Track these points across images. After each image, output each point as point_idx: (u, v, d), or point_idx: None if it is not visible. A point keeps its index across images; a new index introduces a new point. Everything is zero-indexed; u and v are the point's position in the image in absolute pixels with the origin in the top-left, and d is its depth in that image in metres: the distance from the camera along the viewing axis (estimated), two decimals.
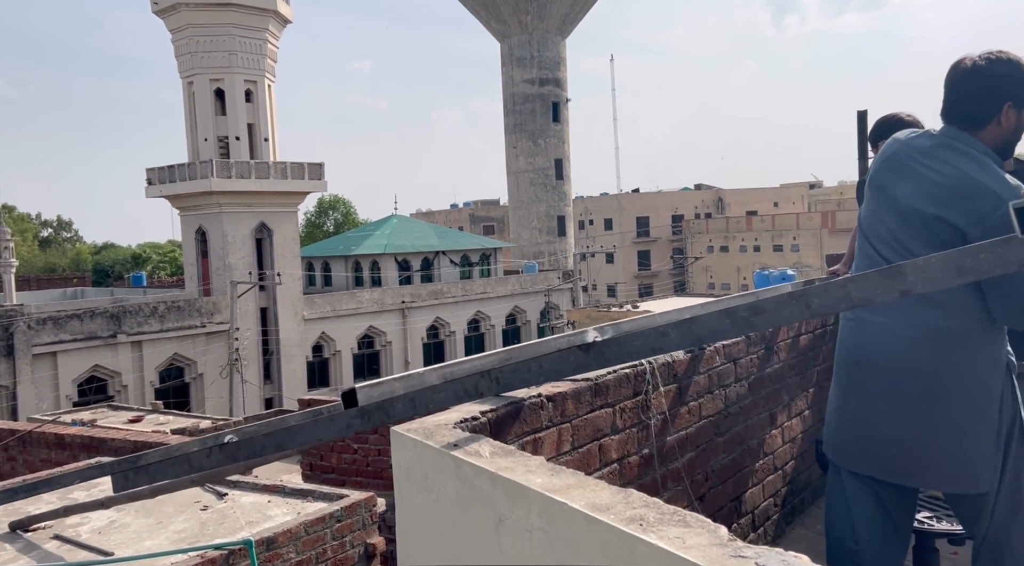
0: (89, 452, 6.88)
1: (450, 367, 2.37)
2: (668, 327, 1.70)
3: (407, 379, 2.38)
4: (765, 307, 1.56)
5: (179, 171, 29.66)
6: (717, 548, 1.06)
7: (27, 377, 23.85)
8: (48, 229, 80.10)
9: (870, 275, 1.49)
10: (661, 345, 1.73)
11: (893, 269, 1.46)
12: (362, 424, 2.15)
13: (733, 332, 1.65)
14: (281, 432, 2.19)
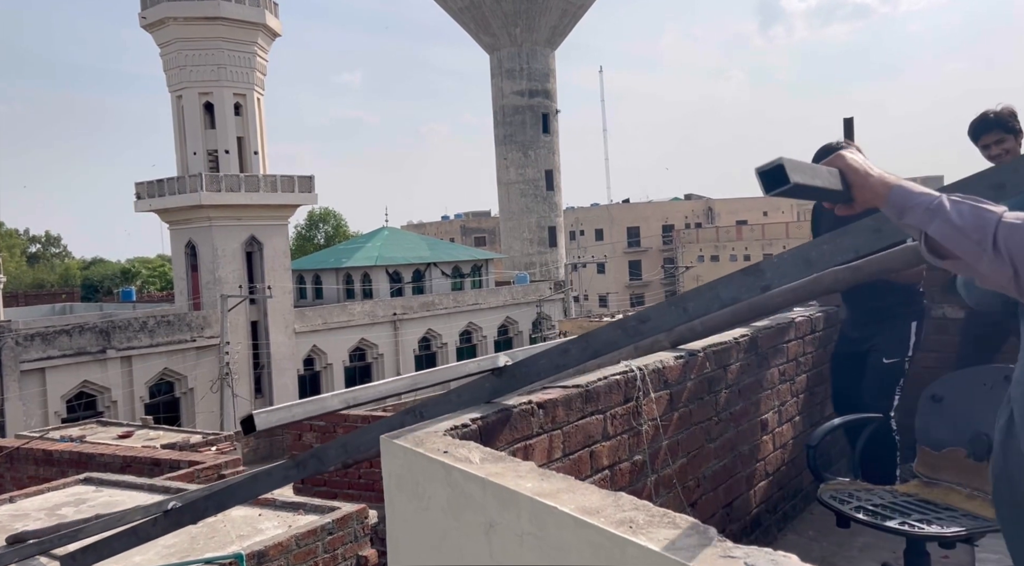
0: (78, 468, 6.81)
1: (354, 392, 2.54)
2: (568, 344, 1.82)
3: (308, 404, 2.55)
4: (649, 315, 1.71)
5: (168, 185, 29.58)
6: (707, 549, 1.06)
7: (15, 394, 23.64)
8: (36, 245, 79.61)
9: (733, 276, 1.60)
10: (564, 361, 1.85)
11: (752, 268, 1.58)
12: (297, 474, 2.31)
13: (625, 341, 1.78)
14: (221, 493, 2.30)
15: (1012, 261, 1.15)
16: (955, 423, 2.79)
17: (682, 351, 2.81)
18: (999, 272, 1.17)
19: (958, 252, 1.19)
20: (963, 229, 1.17)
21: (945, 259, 1.23)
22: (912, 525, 2.51)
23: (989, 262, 1.16)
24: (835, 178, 1.34)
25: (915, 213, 1.22)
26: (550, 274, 47.09)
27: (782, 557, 1.02)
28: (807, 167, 1.30)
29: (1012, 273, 1.16)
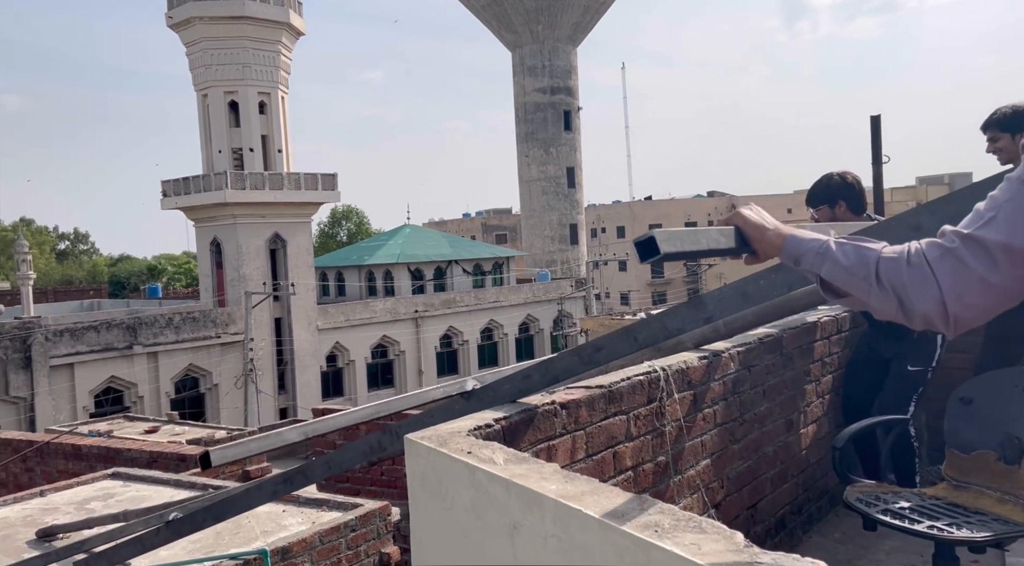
0: (106, 463, 6.92)
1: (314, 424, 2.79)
2: (531, 369, 1.94)
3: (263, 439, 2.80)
4: (603, 344, 1.83)
5: (194, 183, 29.93)
6: (733, 554, 1.05)
7: (44, 388, 24.06)
8: (65, 242, 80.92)
9: (679, 307, 1.75)
10: (527, 386, 1.97)
11: (695, 300, 1.72)
12: (286, 489, 2.50)
13: (581, 368, 1.89)
14: (218, 505, 2.52)
15: (895, 292, 1.22)
16: (985, 425, 2.75)
17: (706, 351, 2.79)
18: (886, 303, 1.24)
19: (849, 290, 1.28)
20: (849, 268, 1.26)
21: (841, 297, 1.32)
22: (941, 529, 2.47)
23: (876, 295, 1.24)
24: (730, 236, 1.46)
25: (808, 258, 1.33)
26: (571, 272, 47.03)
27: (809, 563, 1.01)
28: (685, 235, 1.44)
29: (897, 303, 1.23)
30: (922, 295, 1.20)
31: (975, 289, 1.18)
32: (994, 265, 1.16)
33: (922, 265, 1.22)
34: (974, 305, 1.19)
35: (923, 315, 1.22)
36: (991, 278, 1.17)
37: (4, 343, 23.51)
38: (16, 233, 52.45)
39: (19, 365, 23.77)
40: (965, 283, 1.18)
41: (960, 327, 1.22)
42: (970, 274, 1.18)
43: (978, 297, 1.18)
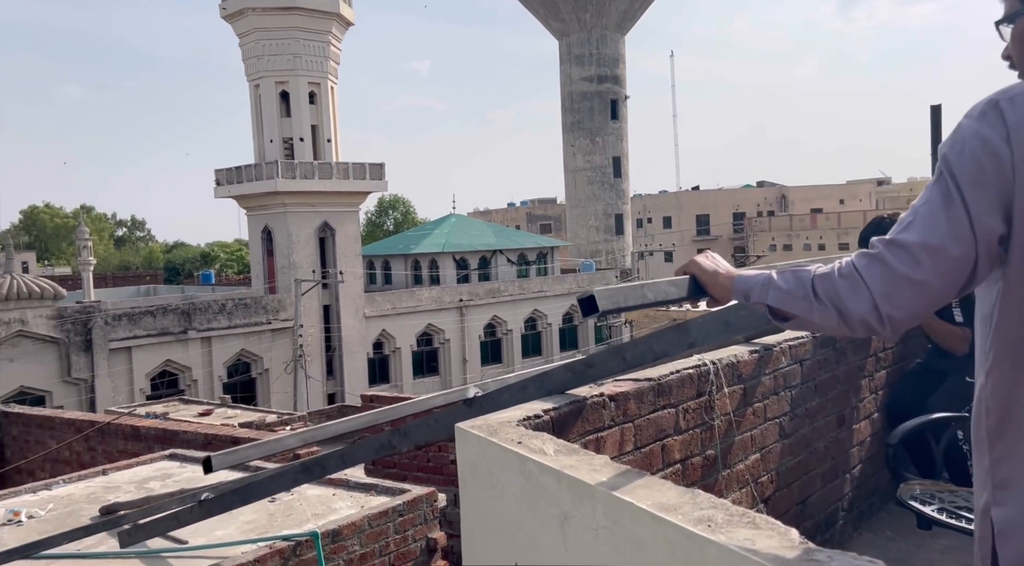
0: (163, 444, 7.14)
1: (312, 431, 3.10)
2: (527, 382, 2.05)
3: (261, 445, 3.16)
4: (594, 361, 1.95)
5: (246, 172, 30.51)
6: (788, 551, 1.05)
7: (104, 371, 24.89)
8: (123, 228, 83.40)
9: (665, 332, 1.87)
10: (523, 397, 2.09)
11: (681, 326, 1.85)
12: (306, 478, 2.71)
13: (574, 383, 2.01)
14: (244, 489, 2.81)
15: (832, 304, 1.31)
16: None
17: (757, 345, 2.77)
18: (826, 317, 1.33)
19: (793, 311, 1.37)
20: (790, 291, 1.37)
21: (788, 321, 1.42)
22: None
23: (816, 311, 1.33)
24: (682, 286, 1.61)
25: (755, 291, 1.43)
26: (616, 262, 46.74)
27: (867, 562, 1.01)
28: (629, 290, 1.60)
29: (836, 314, 1.31)
30: (856, 301, 1.28)
31: (902, 288, 1.25)
32: (917, 264, 1.24)
33: (852, 274, 1.30)
34: (904, 304, 1.26)
35: (860, 320, 1.29)
36: (915, 276, 1.24)
37: (66, 326, 24.38)
38: (77, 220, 54.23)
39: (80, 348, 24.62)
40: (893, 284, 1.26)
41: (896, 326, 1.28)
42: (896, 275, 1.25)
43: (906, 296, 1.26)
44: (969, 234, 1.23)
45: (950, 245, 1.23)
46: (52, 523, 4.62)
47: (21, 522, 4.65)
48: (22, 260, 46.55)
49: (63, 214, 73.15)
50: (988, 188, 1.22)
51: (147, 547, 3.81)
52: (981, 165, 1.22)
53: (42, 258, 66.72)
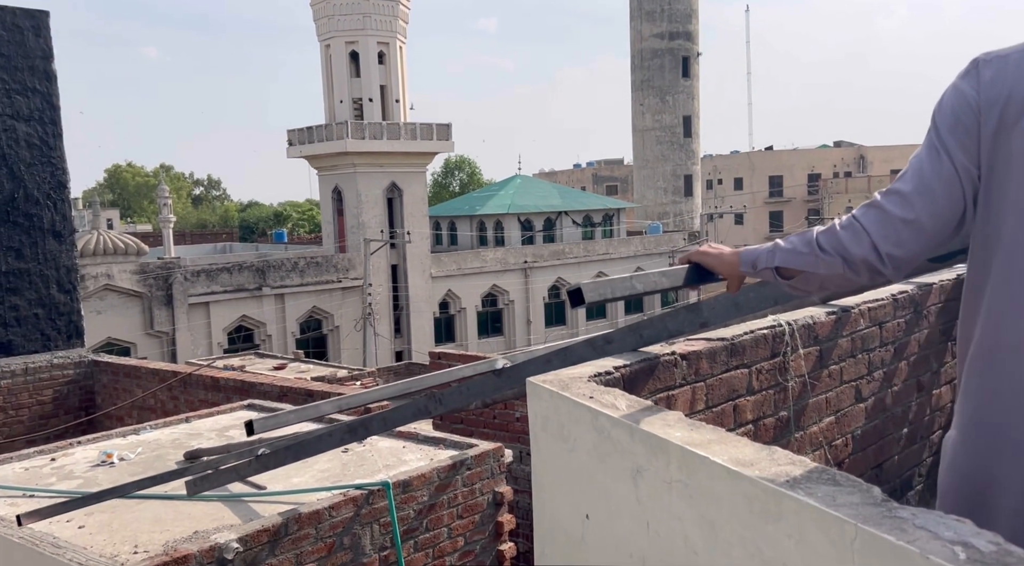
0: (241, 394, 7.44)
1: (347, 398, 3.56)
2: (551, 355, 2.15)
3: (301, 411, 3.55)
4: (613, 338, 2.01)
5: (316, 132, 31.02)
6: (871, 507, 1.03)
7: (184, 325, 26.00)
8: (200, 187, 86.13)
9: (679, 311, 1.95)
10: (546, 368, 2.18)
11: (694, 306, 1.96)
12: (352, 438, 3.00)
13: (594, 355, 2.06)
14: (296, 446, 3.07)
15: (837, 252, 1.43)
16: None
17: (834, 307, 2.70)
18: (832, 266, 1.44)
19: (799, 266, 1.49)
20: (795, 249, 1.49)
21: (792, 279, 1.54)
22: None
23: (823, 262, 1.45)
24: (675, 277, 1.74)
25: (762, 259, 1.56)
26: (684, 224, 45.95)
27: (955, 520, 0.98)
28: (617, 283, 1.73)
29: (841, 261, 1.43)
30: (857, 245, 1.41)
31: (898, 228, 1.38)
32: (909, 206, 1.37)
33: (852, 223, 1.43)
34: (901, 242, 1.38)
35: (863, 260, 1.41)
36: (908, 216, 1.36)
37: (149, 281, 25.49)
38: (157, 179, 56.18)
39: (162, 302, 25.74)
40: (889, 225, 1.38)
41: (897, 264, 1.40)
42: (890, 217, 1.38)
43: (902, 235, 1.38)
44: (954, 177, 1.35)
45: (937, 187, 1.35)
46: (141, 465, 4.89)
47: (113, 463, 4.94)
48: (107, 217, 48.67)
49: (144, 173, 76.00)
50: (964, 136, 1.34)
51: (229, 491, 4.01)
52: (957, 116, 1.35)
53: (125, 215, 69.63)
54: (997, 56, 1.34)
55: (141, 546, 3.48)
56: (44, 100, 8.89)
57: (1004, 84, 1.30)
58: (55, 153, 8.98)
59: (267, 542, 3.56)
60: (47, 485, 4.54)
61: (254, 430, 3.43)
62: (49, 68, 8.95)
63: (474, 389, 2.44)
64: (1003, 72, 1.31)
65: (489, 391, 2.41)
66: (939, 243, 1.41)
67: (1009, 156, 1.29)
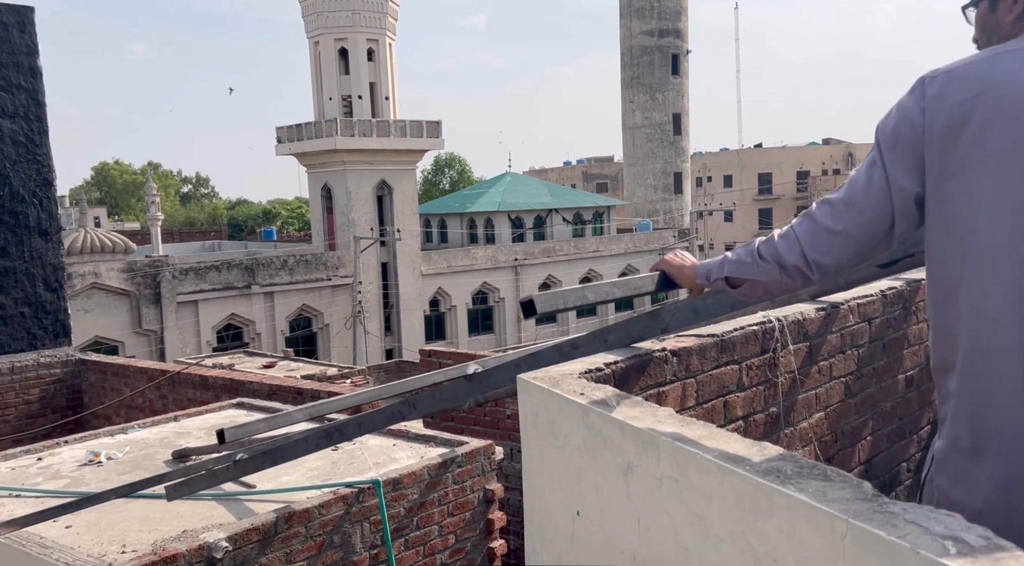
0: (230, 393, 7.40)
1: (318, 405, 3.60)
2: (520, 360, 2.20)
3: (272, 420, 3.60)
4: (579, 343, 2.05)
5: (306, 130, 30.89)
6: (861, 502, 1.03)
7: (172, 323, 25.86)
8: (188, 185, 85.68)
9: (641, 317, 2.03)
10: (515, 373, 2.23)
11: (655, 312, 2.03)
12: (327, 443, 3.03)
13: (560, 360, 2.09)
14: (274, 451, 3.09)
15: (774, 260, 1.54)
16: None
17: (824, 303, 2.70)
18: (771, 273, 1.55)
19: (744, 275, 1.61)
20: (740, 260, 1.61)
21: (740, 287, 1.65)
22: None
23: (763, 270, 1.56)
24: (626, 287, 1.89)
25: (714, 271, 1.67)
26: (674, 222, 46.03)
27: (945, 515, 0.98)
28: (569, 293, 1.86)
29: (777, 267, 1.53)
30: (790, 253, 1.51)
31: (826, 238, 1.47)
32: (838, 217, 1.46)
33: (788, 232, 1.54)
34: (827, 251, 1.48)
35: (794, 267, 1.51)
36: (836, 227, 1.45)
37: (137, 280, 25.34)
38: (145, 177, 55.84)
39: (150, 300, 25.59)
40: (818, 235, 1.48)
41: (824, 271, 1.50)
42: (820, 227, 1.48)
43: (830, 245, 1.47)
44: (885, 192, 1.41)
45: (866, 201, 1.43)
46: (129, 465, 4.86)
47: (101, 463, 4.90)
48: (94, 215, 48.35)
49: (132, 171, 75.52)
50: (904, 152, 1.40)
51: (221, 490, 3.98)
52: (899, 132, 1.41)
53: (112, 213, 69.20)
54: (943, 72, 1.38)
55: (129, 546, 3.46)
56: (29, 97, 8.81)
57: (950, 97, 1.34)
58: (41, 150, 8.90)
59: (257, 541, 3.54)
60: (34, 485, 4.50)
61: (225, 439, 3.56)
62: (34, 64, 8.87)
63: (446, 394, 2.55)
64: (948, 86, 1.35)
65: (461, 396, 2.51)
66: (868, 253, 1.49)
67: (966, 162, 1.32)
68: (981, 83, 1.31)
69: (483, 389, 2.42)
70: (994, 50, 1.38)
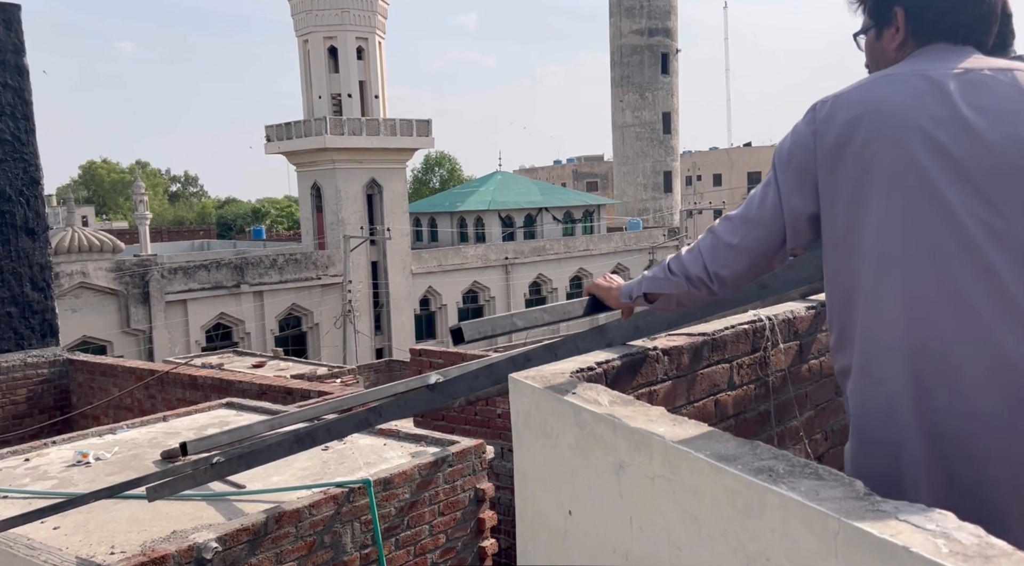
0: (219, 393, 7.37)
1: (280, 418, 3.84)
2: (478, 371, 2.30)
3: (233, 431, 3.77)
4: (532, 356, 2.11)
5: (295, 128, 30.77)
6: (853, 501, 1.04)
7: (161, 322, 25.72)
8: (176, 184, 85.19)
9: (588, 333, 2.11)
10: (475, 385, 2.36)
11: (600, 327, 2.12)
12: (299, 447, 3.10)
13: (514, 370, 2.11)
14: (249, 455, 3.19)
15: (682, 274, 1.68)
16: None
17: (814, 302, 2.71)
18: (679, 285, 1.69)
19: (659, 290, 1.75)
20: (654, 277, 1.76)
21: (655, 302, 1.78)
22: None
23: (672, 284, 1.70)
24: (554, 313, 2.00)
25: (635, 290, 1.80)
26: (664, 220, 46.12)
27: (937, 514, 0.99)
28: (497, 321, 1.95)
29: (684, 280, 1.67)
30: (694, 265, 1.65)
31: (723, 252, 1.60)
32: (735, 232, 1.59)
33: (695, 246, 1.68)
34: (726, 264, 1.61)
35: (697, 278, 1.64)
36: (732, 241, 1.59)
37: (125, 279, 25.18)
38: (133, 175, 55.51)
39: (138, 300, 25.43)
40: (717, 249, 1.62)
41: (723, 282, 1.63)
42: (719, 241, 1.61)
43: (727, 257, 1.60)
44: (778, 209, 1.53)
45: (761, 217, 1.56)
46: (117, 465, 4.82)
47: (89, 463, 4.87)
48: (82, 214, 48.02)
49: (119, 169, 75.04)
50: (796, 173, 1.51)
51: (211, 490, 3.96)
52: (792, 154, 1.51)
53: (100, 212, 68.73)
54: (832, 97, 1.49)
55: (118, 547, 3.44)
56: (16, 95, 8.74)
57: (836, 118, 1.44)
58: (28, 149, 8.83)
59: (247, 541, 3.53)
60: (21, 486, 4.47)
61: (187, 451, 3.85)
62: (21, 62, 8.79)
63: (410, 403, 2.67)
64: (835, 109, 1.46)
65: (423, 404, 2.65)
66: (763, 265, 1.62)
67: (852, 177, 1.43)
68: (862, 105, 1.43)
69: (444, 398, 2.58)
70: (875, 75, 1.51)
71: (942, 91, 1.39)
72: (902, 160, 1.37)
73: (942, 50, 1.47)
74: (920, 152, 1.36)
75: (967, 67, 1.42)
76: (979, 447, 1.32)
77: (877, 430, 1.44)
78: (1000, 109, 1.37)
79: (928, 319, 1.36)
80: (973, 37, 1.48)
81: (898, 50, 1.55)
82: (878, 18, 1.57)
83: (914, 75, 1.43)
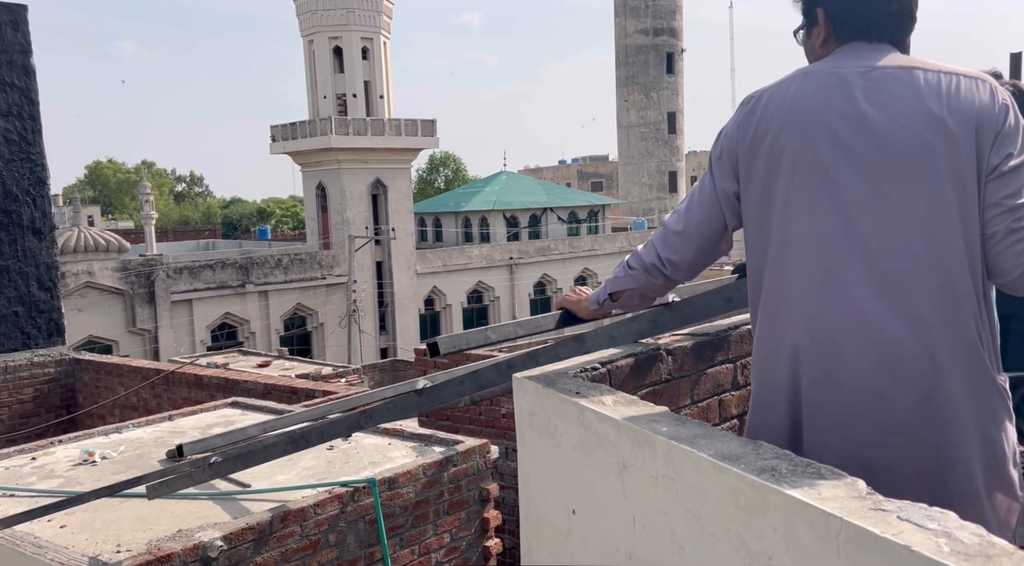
0: (225, 392, 7.38)
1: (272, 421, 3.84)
2: (464, 377, 2.40)
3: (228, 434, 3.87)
4: (515, 363, 2.17)
5: (300, 128, 30.82)
6: (855, 501, 1.04)
7: (167, 322, 25.79)
8: (182, 184, 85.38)
9: (567, 341, 2.15)
10: (461, 390, 2.45)
11: (579, 337, 2.15)
12: (293, 449, 3.22)
13: (500, 380, 2.20)
14: (244, 455, 3.31)
15: (640, 267, 1.83)
16: None
17: None
18: (638, 278, 1.84)
19: (621, 287, 1.89)
20: (616, 275, 1.90)
21: (620, 299, 1.92)
22: None
23: (632, 279, 1.86)
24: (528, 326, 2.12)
25: (601, 294, 1.94)
26: None
27: (939, 513, 0.99)
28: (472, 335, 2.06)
29: (642, 272, 1.82)
30: (648, 255, 1.81)
31: (672, 238, 1.77)
32: (680, 220, 1.76)
33: (648, 241, 1.83)
34: (676, 250, 1.76)
35: (653, 266, 1.80)
36: (679, 228, 1.75)
37: (131, 279, 25.26)
38: (139, 175, 55.67)
39: (144, 299, 25.51)
40: (667, 237, 1.78)
41: (675, 267, 1.79)
42: (668, 230, 1.78)
43: (676, 243, 1.76)
44: (714, 195, 1.69)
45: (701, 204, 1.72)
46: (123, 464, 4.84)
47: (95, 462, 4.89)
48: (88, 214, 48.19)
49: (125, 169, 75.25)
50: (725, 163, 1.67)
51: (216, 489, 3.98)
52: (722, 146, 1.68)
53: (106, 212, 68.95)
54: (758, 92, 1.63)
55: (124, 545, 3.45)
56: (23, 95, 8.77)
57: (758, 112, 1.59)
58: (34, 149, 8.87)
59: (252, 540, 3.54)
60: (28, 484, 4.49)
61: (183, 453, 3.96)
62: (28, 63, 8.83)
63: (399, 407, 2.77)
64: (758, 103, 1.60)
65: (411, 409, 2.75)
66: (710, 247, 1.76)
67: (767, 165, 1.57)
68: (779, 100, 1.57)
69: (431, 402, 2.67)
70: (796, 71, 1.63)
71: (847, 88, 1.51)
72: (807, 152, 1.51)
73: (858, 48, 1.58)
74: (823, 145, 1.50)
75: (873, 65, 1.53)
76: (854, 411, 1.48)
77: (768, 395, 1.61)
78: (895, 104, 1.48)
79: (813, 296, 1.52)
80: (887, 35, 1.58)
81: (822, 47, 1.66)
82: (806, 17, 1.69)
83: (826, 72, 1.55)
